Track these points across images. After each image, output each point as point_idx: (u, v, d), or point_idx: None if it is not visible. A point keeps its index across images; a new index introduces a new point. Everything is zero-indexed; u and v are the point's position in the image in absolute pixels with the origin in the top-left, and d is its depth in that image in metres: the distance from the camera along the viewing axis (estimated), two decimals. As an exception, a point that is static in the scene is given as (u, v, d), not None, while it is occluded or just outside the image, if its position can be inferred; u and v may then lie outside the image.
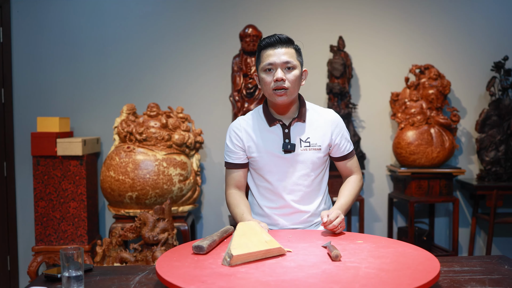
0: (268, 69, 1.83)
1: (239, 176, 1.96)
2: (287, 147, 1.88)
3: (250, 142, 1.92)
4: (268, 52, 1.83)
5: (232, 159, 1.96)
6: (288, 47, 1.84)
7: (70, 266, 1.39)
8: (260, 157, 1.91)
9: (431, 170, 3.71)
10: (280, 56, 1.81)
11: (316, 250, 1.57)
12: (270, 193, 1.94)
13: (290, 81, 1.82)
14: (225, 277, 1.29)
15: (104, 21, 3.88)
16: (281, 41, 1.83)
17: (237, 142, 1.93)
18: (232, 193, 1.96)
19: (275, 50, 1.82)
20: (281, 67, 1.82)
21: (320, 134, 1.91)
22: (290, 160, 1.89)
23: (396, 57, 4.02)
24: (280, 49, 1.82)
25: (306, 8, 3.98)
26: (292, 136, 1.89)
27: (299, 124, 1.91)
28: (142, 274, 1.57)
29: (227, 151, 1.97)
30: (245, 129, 1.94)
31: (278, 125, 1.91)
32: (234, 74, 3.73)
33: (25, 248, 3.87)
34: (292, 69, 1.83)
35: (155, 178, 3.29)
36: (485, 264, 1.63)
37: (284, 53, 1.82)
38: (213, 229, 3.96)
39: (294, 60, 1.84)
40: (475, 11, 4.04)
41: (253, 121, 1.95)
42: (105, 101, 3.89)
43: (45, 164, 3.45)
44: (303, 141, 1.90)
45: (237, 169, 1.96)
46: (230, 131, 1.97)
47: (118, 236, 3.10)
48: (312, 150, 1.90)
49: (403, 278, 1.28)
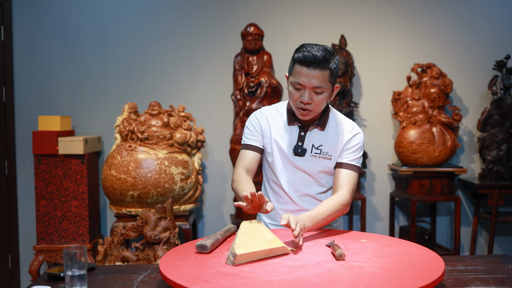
0: (297, 87, 1.76)
1: (251, 158, 1.92)
2: (298, 151, 1.86)
3: (268, 133, 1.92)
4: (301, 69, 1.72)
5: (249, 140, 1.93)
6: (322, 70, 1.71)
7: (73, 265, 1.38)
8: (272, 151, 1.91)
9: (433, 169, 3.71)
10: (311, 79, 1.71)
11: (319, 249, 1.57)
12: (278, 188, 1.95)
13: (316, 104, 1.77)
14: (229, 276, 1.29)
15: (105, 20, 3.87)
16: (316, 61, 1.70)
17: (257, 127, 1.93)
18: (240, 172, 1.89)
19: (308, 70, 1.71)
20: (310, 89, 1.74)
21: (334, 144, 1.88)
22: (298, 163, 1.88)
23: (398, 56, 4.02)
24: (314, 71, 1.71)
25: (308, 7, 3.97)
26: (306, 141, 1.87)
27: (317, 131, 1.88)
28: (145, 273, 1.56)
29: (246, 133, 1.95)
30: (267, 118, 1.93)
31: (296, 126, 1.89)
32: (235, 73, 3.72)
33: (27, 247, 3.87)
34: (320, 93, 1.75)
35: (156, 177, 3.28)
36: (489, 263, 1.63)
37: (316, 76, 1.71)
38: (215, 228, 3.95)
39: (325, 84, 1.74)
40: (477, 10, 4.04)
41: (276, 115, 1.94)
42: (106, 100, 3.89)
43: (46, 162, 3.45)
44: (315, 147, 1.87)
45: (251, 151, 1.92)
46: (253, 116, 1.96)
47: (120, 235, 3.09)
48: (322, 158, 1.87)
49: (408, 277, 1.28)
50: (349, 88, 3.84)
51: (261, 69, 3.66)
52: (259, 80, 3.62)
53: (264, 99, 3.63)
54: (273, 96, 3.65)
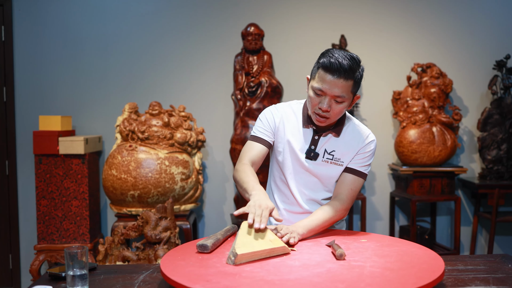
0: (318, 92, 1.72)
1: (259, 151, 1.87)
2: (310, 155, 1.84)
3: (281, 131, 1.88)
4: (325, 76, 1.68)
5: (260, 133, 1.89)
6: (346, 80, 1.67)
7: (75, 265, 1.38)
8: (283, 151, 1.88)
9: (433, 168, 3.71)
10: (334, 88, 1.67)
11: (320, 249, 1.57)
12: (285, 188, 1.92)
13: (334, 113, 1.74)
14: (230, 276, 1.29)
15: (105, 20, 3.88)
16: (342, 71, 1.65)
17: (271, 122, 1.89)
18: (245, 163, 1.84)
19: (332, 78, 1.66)
20: (330, 97, 1.70)
21: (347, 151, 1.84)
22: (309, 167, 1.85)
23: (398, 56, 4.02)
24: (338, 80, 1.66)
25: (308, 7, 3.97)
26: (319, 145, 1.84)
27: (331, 137, 1.84)
28: (147, 273, 1.57)
29: (257, 124, 1.91)
30: (282, 117, 1.89)
31: (311, 129, 1.85)
32: (236, 73, 3.72)
33: (27, 247, 3.87)
34: (340, 102, 1.71)
35: (157, 177, 3.29)
36: (489, 263, 1.63)
37: (339, 86, 1.67)
38: (215, 227, 3.96)
39: (346, 94, 1.70)
40: (477, 10, 4.04)
41: (291, 114, 1.90)
42: (107, 100, 3.89)
43: (47, 162, 3.45)
44: (328, 153, 1.84)
45: (260, 144, 1.88)
46: (268, 110, 1.91)
47: (121, 234, 3.10)
48: (333, 165, 1.84)
49: (408, 277, 1.28)
50: (349, 88, 3.84)
51: (262, 69, 3.67)
52: (259, 80, 3.63)
53: (264, 99, 3.63)
54: (273, 96, 3.66)
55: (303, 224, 1.71)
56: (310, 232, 1.72)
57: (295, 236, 1.63)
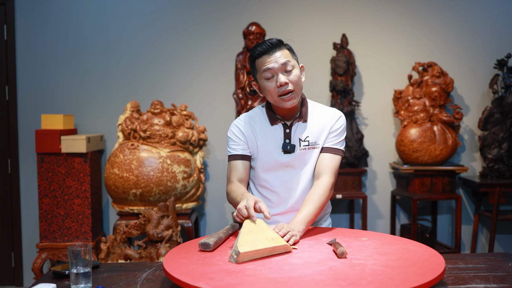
0: (268, 77, 1.80)
1: (242, 167, 1.91)
2: (287, 148, 1.86)
3: (252, 138, 1.91)
4: (264, 59, 1.80)
5: (235, 150, 1.92)
6: (281, 49, 1.80)
7: (78, 263, 1.40)
8: (259, 155, 1.90)
9: (434, 167, 3.72)
10: (278, 59, 1.78)
11: (321, 247, 1.58)
12: (268, 192, 1.93)
13: (293, 83, 1.80)
14: (233, 274, 1.30)
15: (107, 19, 3.89)
16: (273, 45, 1.79)
17: (240, 135, 1.92)
18: (233, 182, 1.89)
19: (270, 55, 1.79)
20: (280, 71, 1.79)
21: (319, 132, 1.88)
22: (290, 161, 1.88)
23: (399, 55, 4.03)
24: (274, 53, 1.79)
25: (309, 6, 3.98)
26: (293, 137, 1.88)
27: (300, 124, 1.89)
28: (149, 270, 1.58)
29: (230, 144, 1.94)
30: (249, 124, 1.93)
31: (279, 124, 1.89)
32: (237, 72, 3.73)
33: (29, 245, 3.89)
34: (291, 70, 1.80)
35: (159, 175, 3.30)
36: (489, 261, 1.64)
37: (279, 56, 1.79)
38: (217, 226, 3.97)
39: (291, 59, 1.81)
40: (478, 9, 4.04)
41: (256, 118, 1.94)
42: (109, 99, 3.90)
43: (49, 161, 3.47)
44: (302, 140, 1.88)
45: (240, 160, 1.92)
46: (233, 125, 1.96)
47: (123, 233, 3.11)
48: (311, 149, 1.88)
49: (409, 275, 1.29)
50: (351, 87, 3.85)
51: (263, 68, 3.67)
52: (260, 79, 3.63)
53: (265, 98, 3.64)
54: (274, 94, 3.66)
55: (300, 219, 1.73)
56: (309, 223, 1.75)
57: (296, 234, 1.64)
